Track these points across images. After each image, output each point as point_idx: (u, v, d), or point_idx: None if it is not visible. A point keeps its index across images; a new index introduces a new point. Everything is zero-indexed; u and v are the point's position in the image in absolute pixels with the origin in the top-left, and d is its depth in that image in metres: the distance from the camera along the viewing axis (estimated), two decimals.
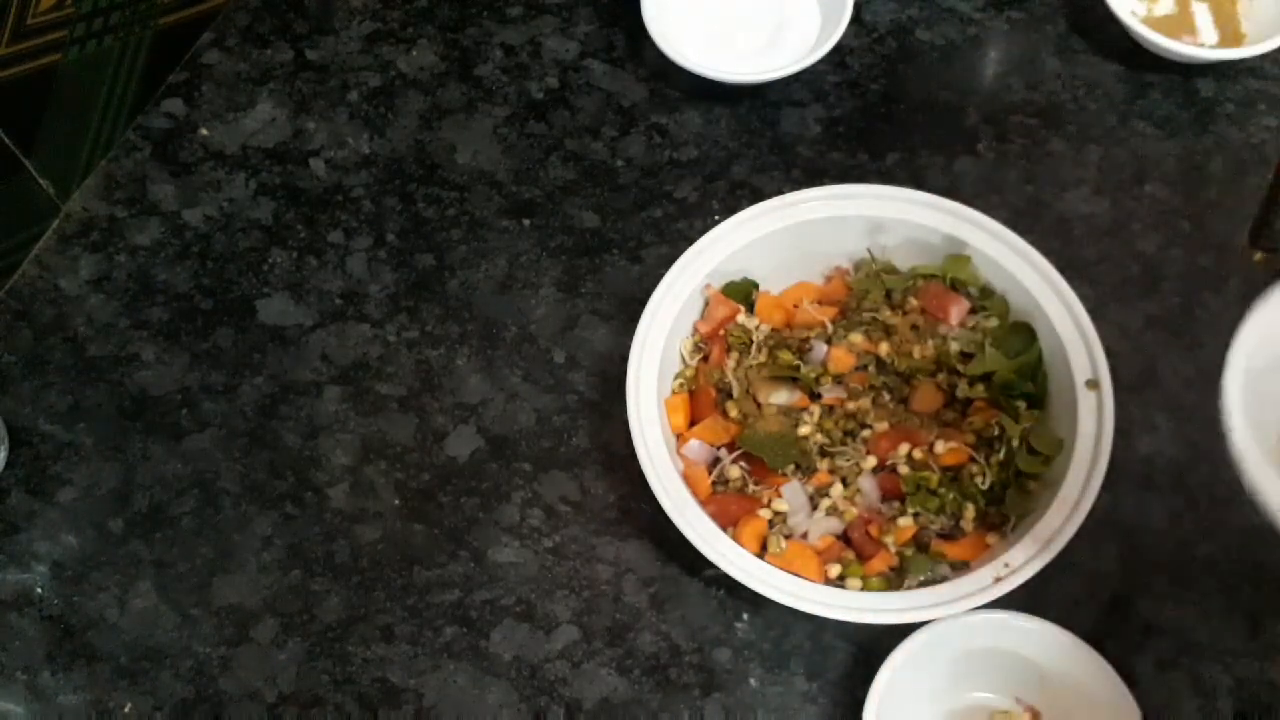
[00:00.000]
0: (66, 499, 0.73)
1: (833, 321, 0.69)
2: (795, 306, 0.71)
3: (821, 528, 0.65)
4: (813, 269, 0.73)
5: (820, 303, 0.71)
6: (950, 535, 0.65)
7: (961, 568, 0.64)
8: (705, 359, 0.70)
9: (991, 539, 0.65)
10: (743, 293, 0.71)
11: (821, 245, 0.71)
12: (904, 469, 0.65)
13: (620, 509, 0.71)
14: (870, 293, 0.70)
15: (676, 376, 0.70)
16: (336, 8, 0.88)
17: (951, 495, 0.65)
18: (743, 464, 0.67)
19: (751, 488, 0.66)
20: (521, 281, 0.78)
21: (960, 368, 0.68)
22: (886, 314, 0.69)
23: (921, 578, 0.64)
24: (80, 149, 0.82)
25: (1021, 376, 0.66)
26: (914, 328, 0.69)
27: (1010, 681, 0.63)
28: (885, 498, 0.66)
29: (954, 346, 0.68)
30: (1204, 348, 0.73)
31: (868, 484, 0.66)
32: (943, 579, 0.63)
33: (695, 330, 0.71)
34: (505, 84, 0.84)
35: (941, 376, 0.68)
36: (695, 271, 0.69)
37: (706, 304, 0.70)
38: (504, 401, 0.74)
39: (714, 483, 0.67)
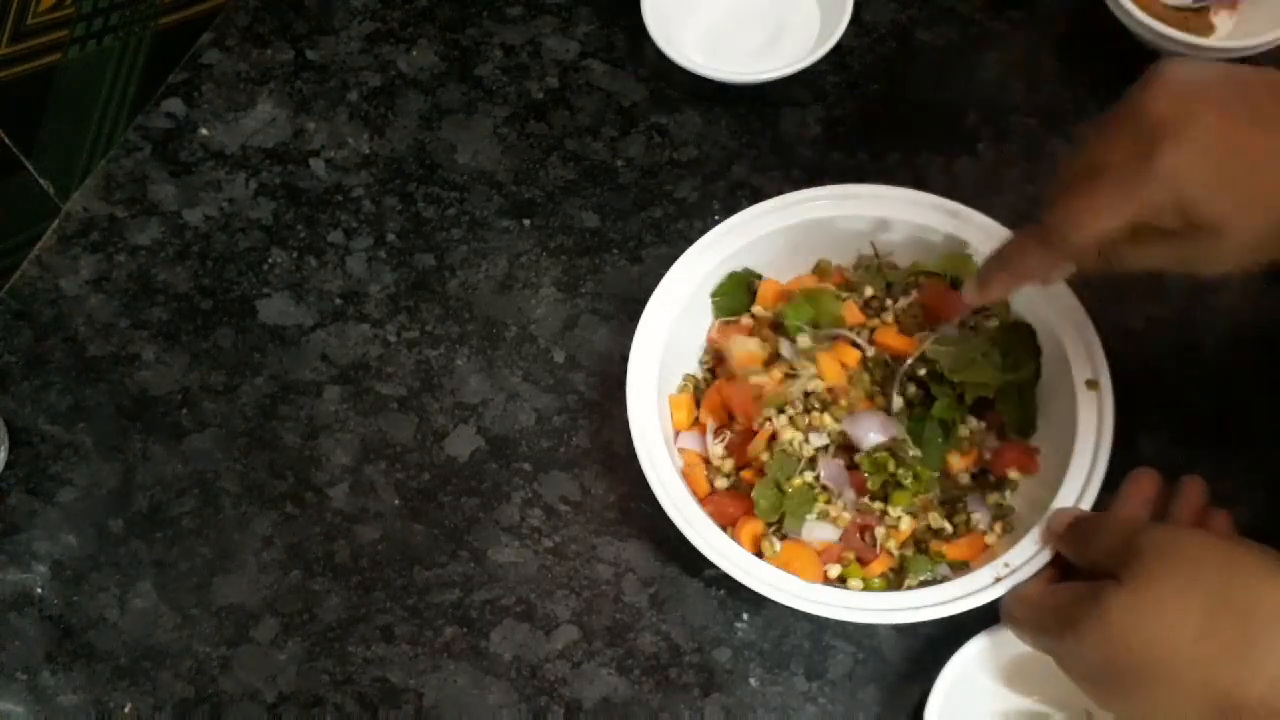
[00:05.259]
0: (66, 499, 0.73)
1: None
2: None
3: (816, 534, 0.65)
4: (813, 269, 0.73)
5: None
6: (951, 536, 0.65)
7: (961, 568, 0.64)
8: (713, 371, 0.70)
9: (991, 538, 0.65)
10: (744, 284, 0.71)
11: (822, 245, 0.71)
12: (860, 458, 0.65)
13: (620, 509, 0.71)
14: (868, 285, 0.70)
15: (686, 376, 0.70)
16: (336, 8, 0.88)
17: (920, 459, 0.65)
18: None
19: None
20: (521, 281, 0.78)
21: (920, 373, 0.67)
22: (888, 303, 0.69)
23: (922, 577, 0.64)
24: (80, 149, 0.82)
25: (1007, 397, 0.67)
26: (913, 318, 0.69)
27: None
28: (863, 494, 0.66)
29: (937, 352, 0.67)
30: (1204, 348, 0.73)
31: (832, 469, 0.65)
32: (943, 579, 0.63)
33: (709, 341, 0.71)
34: (505, 84, 0.84)
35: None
36: (695, 271, 0.69)
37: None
38: (504, 401, 0.74)
39: (708, 463, 0.67)
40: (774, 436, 0.65)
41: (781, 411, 0.66)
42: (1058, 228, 0.54)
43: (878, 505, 0.65)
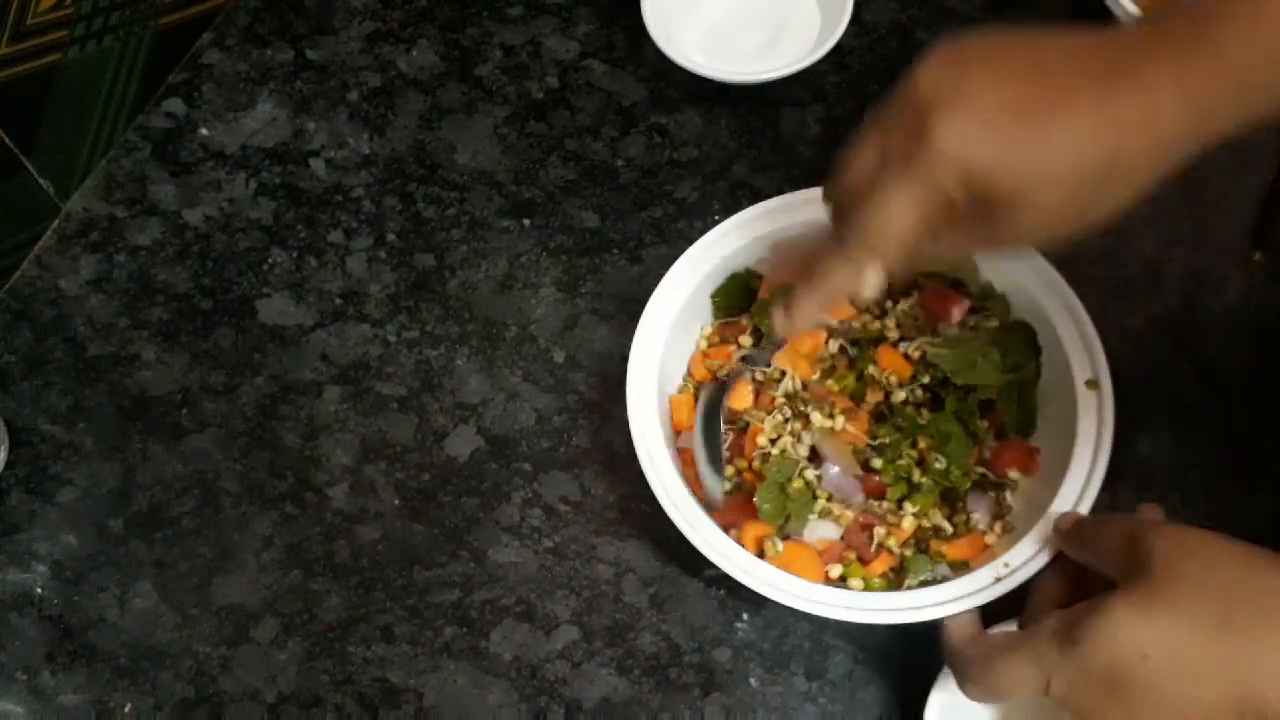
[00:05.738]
0: (66, 499, 0.73)
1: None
2: None
3: (819, 533, 0.65)
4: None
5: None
6: (951, 536, 0.65)
7: (961, 568, 0.64)
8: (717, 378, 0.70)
9: (991, 538, 0.65)
10: (744, 284, 0.71)
11: (822, 246, 0.71)
12: (878, 462, 0.66)
13: (620, 509, 0.71)
14: None
15: (686, 376, 0.70)
16: (336, 8, 0.88)
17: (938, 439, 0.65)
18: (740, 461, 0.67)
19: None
20: (521, 281, 0.78)
21: (924, 380, 0.67)
22: (888, 305, 0.69)
23: (923, 577, 0.64)
24: (80, 149, 0.82)
25: (1011, 394, 0.66)
26: (914, 320, 0.69)
27: None
28: (872, 496, 0.66)
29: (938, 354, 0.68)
30: (1204, 348, 0.73)
31: (834, 477, 0.66)
32: (943, 579, 0.63)
33: (709, 340, 0.71)
34: (505, 84, 0.84)
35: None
36: (695, 271, 0.69)
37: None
38: (504, 401, 0.74)
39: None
40: (773, 440, 0.66)
41: (770, 415, 0.66)
42: (855, 239, 0.50)
43: (885, 504, 0.65)
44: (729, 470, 0.67)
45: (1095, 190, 0.46)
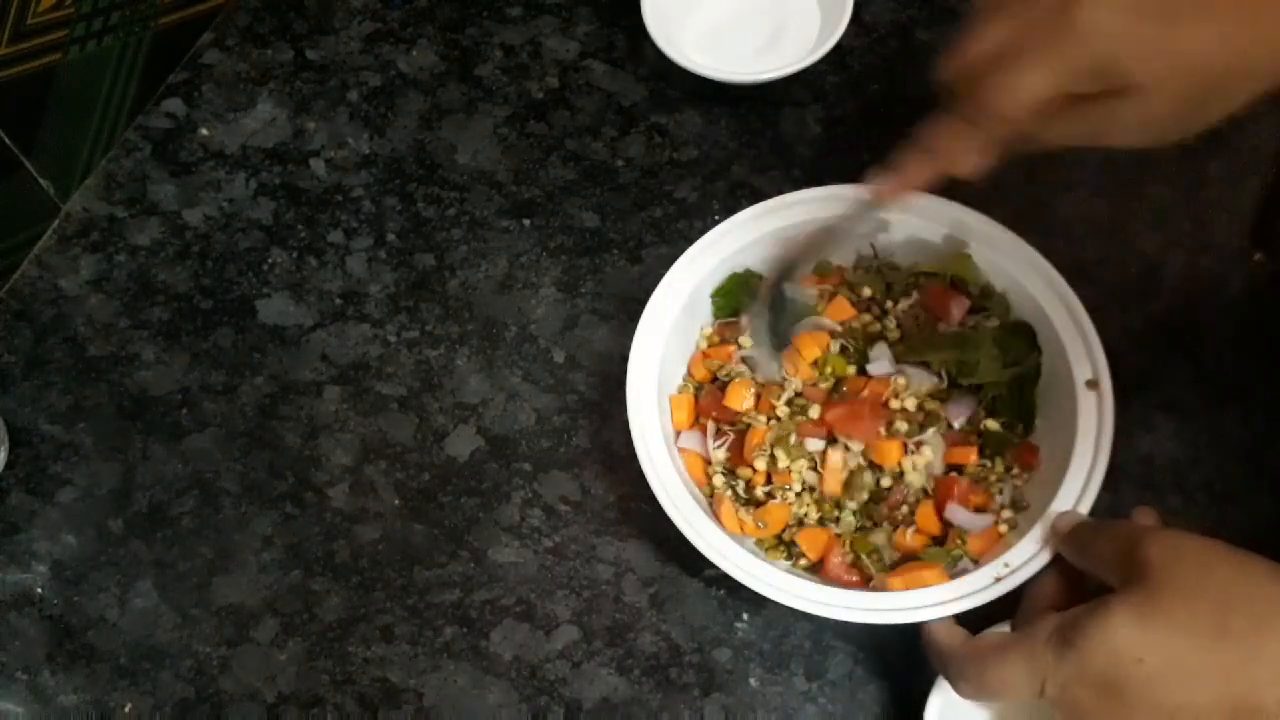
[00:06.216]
0: (66, 499, 0.73)
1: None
2: None
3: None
4: (812, 269, 0.73)
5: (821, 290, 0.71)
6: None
7: (973, 565, 0.64)
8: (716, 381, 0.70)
9: (1003, 528, 0.65)
10: (744, 284, 0.71)
11: (821, 245, 0.71)
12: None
13: (620, 509, 0.71)
14: (867, 285, 0.70)
15: (686, 376, 0.70)
16: (336, 8, 0.88)
17: None
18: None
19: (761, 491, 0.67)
20: (521, 281, 0.78)
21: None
22: (889, 305, 0.69)
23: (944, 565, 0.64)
24: (80, 149, 0.82)
25: (1012, 391, 0.67)
26: (914, 319, 0.69)
27: None
28: None
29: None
30: (1204, 348, 0.73)
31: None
32: (963, 571, 0.63)
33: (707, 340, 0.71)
34: (505, 84, 0.84)
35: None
36: (695, 271, 0.69)
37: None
38: (504, 401, 0.74)
39: (708, 463, 0.67)
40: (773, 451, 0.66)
41: (772, 419, 0.67)
42: (979, 108, 0.52)
43: None
44: (748, 496, 0.67)
45: (1209, 94, 0.48)
